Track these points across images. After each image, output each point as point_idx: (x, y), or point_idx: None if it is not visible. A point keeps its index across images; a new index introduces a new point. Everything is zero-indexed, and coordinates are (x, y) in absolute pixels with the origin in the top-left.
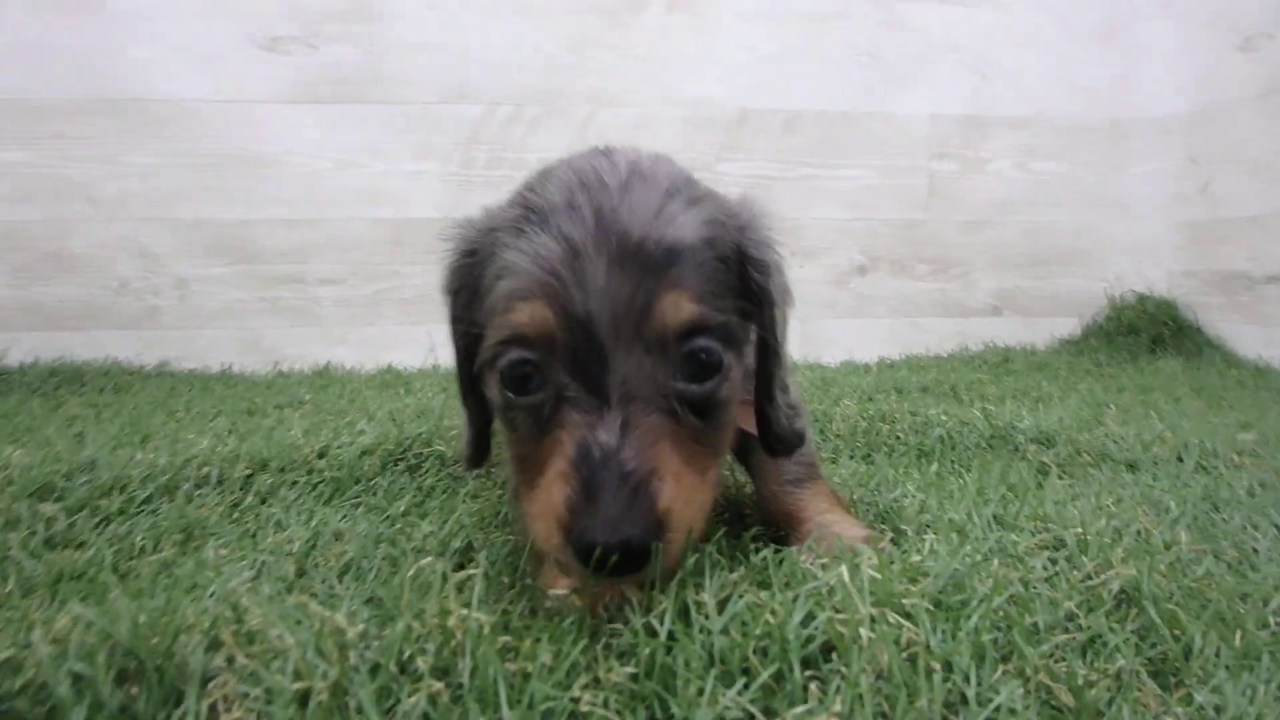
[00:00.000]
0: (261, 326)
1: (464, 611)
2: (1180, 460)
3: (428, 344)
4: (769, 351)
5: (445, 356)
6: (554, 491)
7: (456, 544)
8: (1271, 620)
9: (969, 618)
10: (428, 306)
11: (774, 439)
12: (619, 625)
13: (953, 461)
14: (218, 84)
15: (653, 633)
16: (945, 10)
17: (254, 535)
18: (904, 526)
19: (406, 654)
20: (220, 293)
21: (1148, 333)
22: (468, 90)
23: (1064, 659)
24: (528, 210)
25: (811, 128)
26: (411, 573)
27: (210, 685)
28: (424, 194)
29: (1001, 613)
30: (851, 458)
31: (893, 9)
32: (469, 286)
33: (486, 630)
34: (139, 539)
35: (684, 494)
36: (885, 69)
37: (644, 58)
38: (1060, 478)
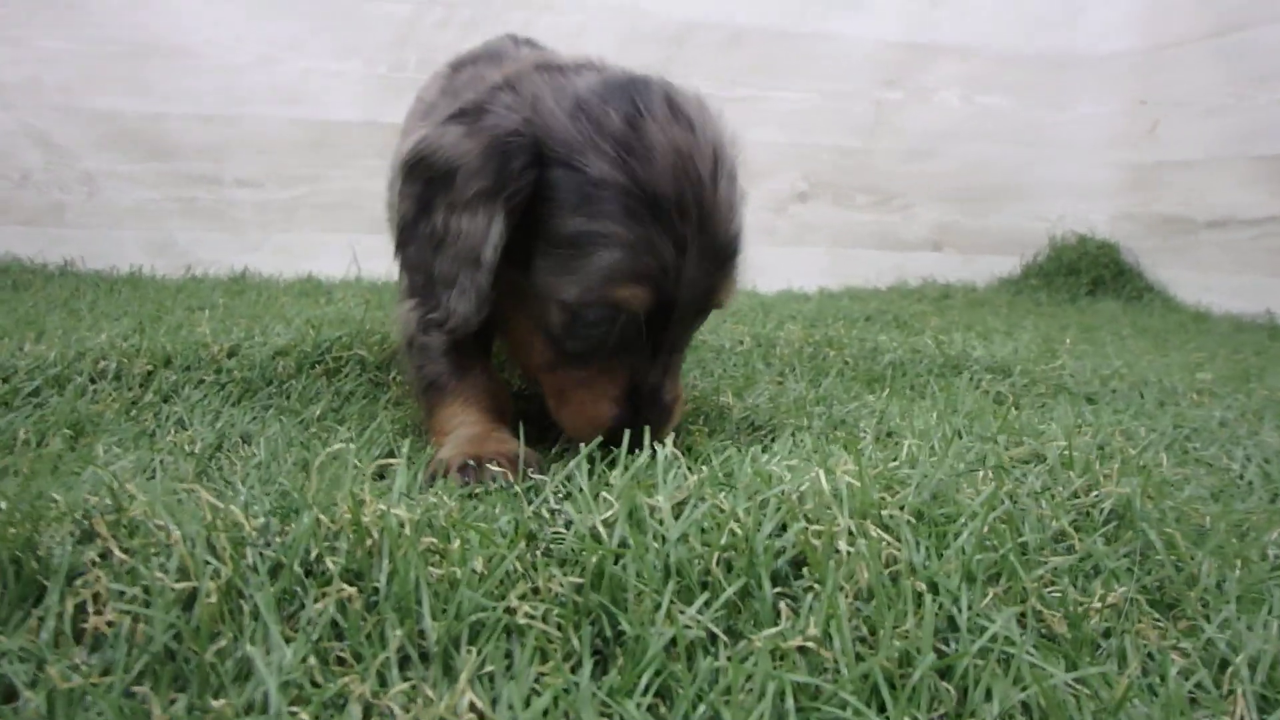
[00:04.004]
0: (174, 228)
1: (381, 507)
2: (1141, 396)
3: (350, 254)
4: None
5: (369, 268)
6: (604, 408)
7: (376, 451)
8: (1271, 553)
9: (958, 535)
10: (350, 213)
11: None
12: (560, 530)
13: (905, 388)
14: None
15: (599, 539)
16: None
17: (152, 434)
18: (861, 433)
19: (314, 553)
20: (131, 190)
21: (1088, 274)
22: None
23: (1055, 583)
24: (635, 184)
25: (753, 45)
26: (320, 460)
27: (78, 582)
28: (346, 95)
29: (989, 530)
30: (798, 381)
31: None
32: (527, 193)
33: (407, 529)
34: (21, 432)
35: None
36: None
37: None
38: (1016, 407)
